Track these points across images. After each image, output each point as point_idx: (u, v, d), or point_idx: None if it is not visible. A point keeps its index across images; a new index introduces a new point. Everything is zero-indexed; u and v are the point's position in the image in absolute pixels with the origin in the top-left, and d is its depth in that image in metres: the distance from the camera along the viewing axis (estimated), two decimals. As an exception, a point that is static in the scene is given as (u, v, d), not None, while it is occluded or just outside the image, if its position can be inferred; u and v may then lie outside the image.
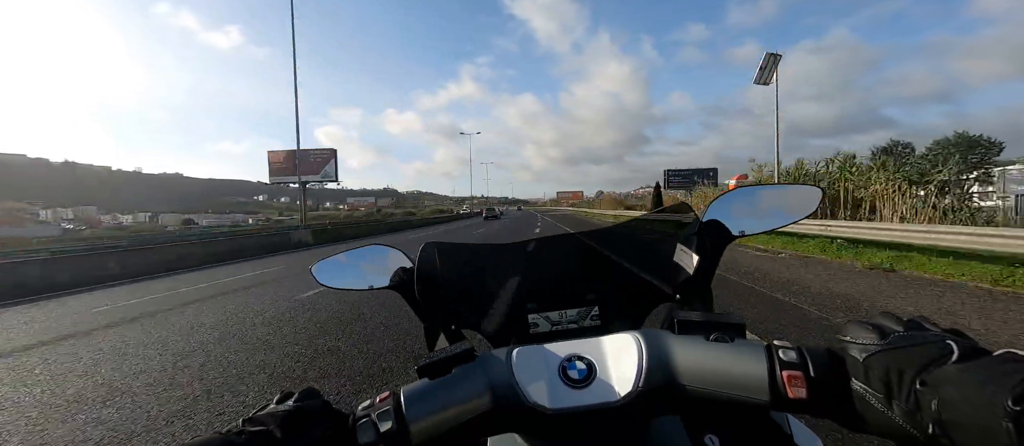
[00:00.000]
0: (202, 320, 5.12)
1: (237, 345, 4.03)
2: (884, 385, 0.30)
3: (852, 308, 4.43)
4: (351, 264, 0.70)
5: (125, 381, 3.26)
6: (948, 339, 0.30)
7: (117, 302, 6.82)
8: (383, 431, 0.36)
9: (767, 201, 0.58)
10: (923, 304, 4.54)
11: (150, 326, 4.98)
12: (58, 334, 4.85)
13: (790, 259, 8.11)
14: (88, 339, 4.56)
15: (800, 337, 3.52)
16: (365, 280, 0.66)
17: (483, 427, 0.39)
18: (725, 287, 5.57)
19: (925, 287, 5.32)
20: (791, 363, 0.34)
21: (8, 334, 5.05)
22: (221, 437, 0.32)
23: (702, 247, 0.54)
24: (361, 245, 0.72)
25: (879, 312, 0.35)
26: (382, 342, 3.82)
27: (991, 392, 0.25)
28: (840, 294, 5.05)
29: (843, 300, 4.76)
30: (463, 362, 0.40)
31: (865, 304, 4.57)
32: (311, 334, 4.23)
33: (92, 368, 3.61)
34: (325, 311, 5.16)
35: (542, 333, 0.60)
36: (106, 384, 3.22)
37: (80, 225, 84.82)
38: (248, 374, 3.26)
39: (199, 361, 3.62)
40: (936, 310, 4.28)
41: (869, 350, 0.31)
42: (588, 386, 0.39)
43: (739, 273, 6.60)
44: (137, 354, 3.93)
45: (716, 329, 0.38)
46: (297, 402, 0.37)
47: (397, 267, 0.65)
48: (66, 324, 5.40)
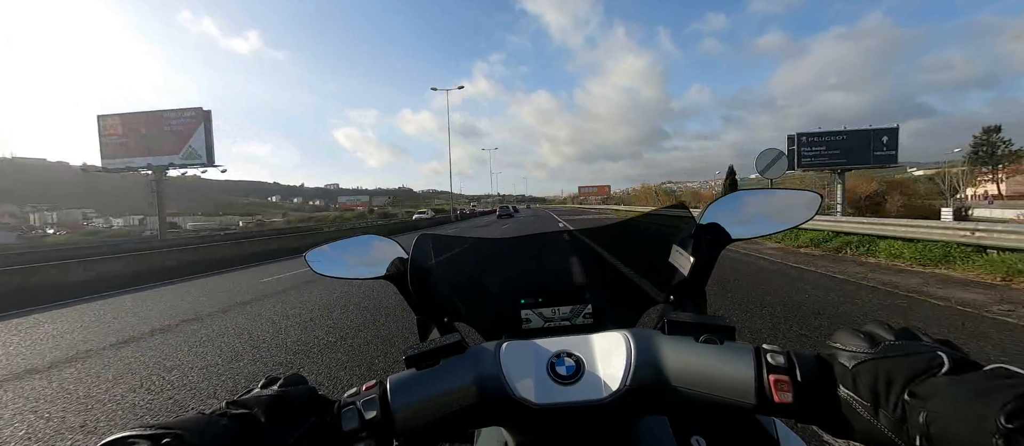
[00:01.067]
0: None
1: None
2: (872, 393, 0.29)
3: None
4: (346, 253, 0.69)
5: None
6: (939, 350, 0.29)
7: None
8: (368, 419, 0.36)
9: (765, 205, 0.58)
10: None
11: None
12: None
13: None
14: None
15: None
16: (359, 269, 0.66)
17: (469, 419, 0.39)
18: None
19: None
20: (778, 367, 0.34)
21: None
22: (205, 418, 0.32)
23: (698, 249, 0.54)
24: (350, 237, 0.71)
25: (870, 320, 0.35)
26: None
27: (982, 407, 0.24)
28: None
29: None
30: (452, 354, 0.40)
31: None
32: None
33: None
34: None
35: (534, 329, 0.60)
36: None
37: (62, 229, 79.89)
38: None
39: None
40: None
41: (858, 358, 0.31)
42: (576, 383, 0.39)
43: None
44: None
45: (706, 331, 0.38)
46: (282, 387, 0.37)
47: (392, 257, 0.65)
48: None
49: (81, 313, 6.16)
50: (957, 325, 3.76)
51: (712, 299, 2.57)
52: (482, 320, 0.63)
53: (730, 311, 4.43)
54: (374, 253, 0.66)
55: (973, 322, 3.83)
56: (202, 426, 0.31)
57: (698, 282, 0.54)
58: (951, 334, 3.48)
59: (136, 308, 6.28)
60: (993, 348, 3.20)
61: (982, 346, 3.23)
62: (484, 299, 0.67)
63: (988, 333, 3.52)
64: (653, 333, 0.40)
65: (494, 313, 0.63)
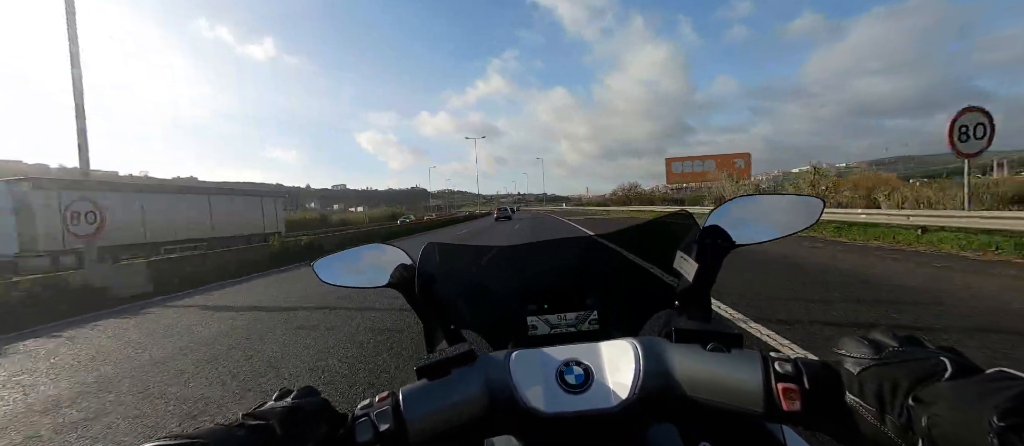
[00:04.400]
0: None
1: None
2: (877, 400, 0.30)
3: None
4: (353, 261, 0.69)
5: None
6: (942, 356, 0.30)
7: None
8: (381, 431, 0.36)
9: (769, 211, 0.58)
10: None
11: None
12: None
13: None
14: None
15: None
16: (366, 278, 0.66)
17: (480, 429, 0.39)
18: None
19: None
20: (787, 375, 0.34)
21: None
22: (222, 429, 0.32)
23: (702, 255, 0.54)
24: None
25: (876, 328, 0.35)
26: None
27: (980, 408, 0.25)
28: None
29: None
30: (462, 364, 0.40)
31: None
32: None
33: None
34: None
35: (541, 336, 0.61)
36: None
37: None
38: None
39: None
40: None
41: (863, 364, 0.32)
42: (585, 391, 0.39)
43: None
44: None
45: (713, 339, 0.38)
46: (296, 399, 0.37)
47: (398, 265, 0.65)
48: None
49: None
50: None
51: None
52: (488, 327, 0.63)
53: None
54: (381, 261, 0.67)
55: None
56: (222, 437, 0.31)
57: (703, 288, 0.54)
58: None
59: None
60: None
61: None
62: (490, 306, 0.67)
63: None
64: (661, 341, 0.41)
65: (500, 320, 0.63)
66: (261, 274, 10.00)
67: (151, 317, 5.86)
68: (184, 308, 6.36)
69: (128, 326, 5.40)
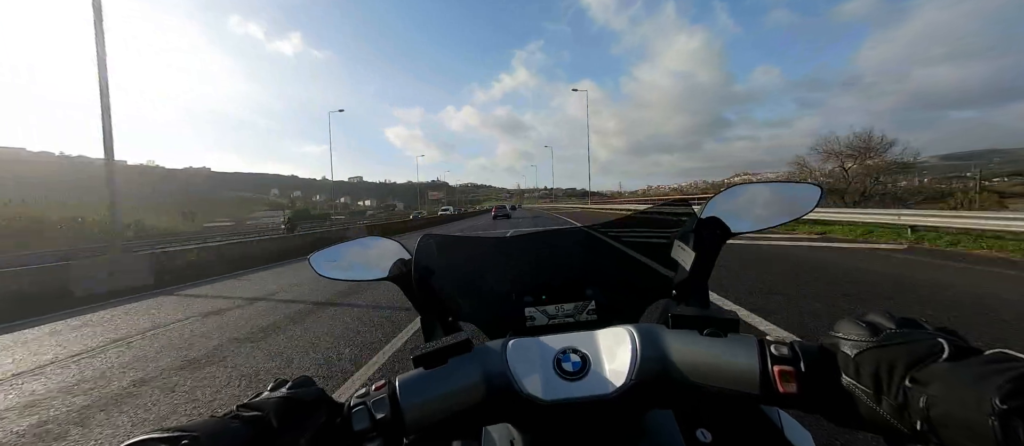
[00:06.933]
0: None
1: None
2: (874, 381, 0.30)
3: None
4: (349, 255, 0.69)
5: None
6: (939, 337, 0.30)
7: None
8: (378, 419, 0.36)
9: (766, 199, 0.58)
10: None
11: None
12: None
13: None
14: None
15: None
16: (363, 271, 0.66)
17: (477, 417, 0.39)
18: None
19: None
20: (783, 358, 0.34)
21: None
22: (217, 420, 0.32)
23: (699, 244, 0.54)
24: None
25: (873, 310, 0.35)
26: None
27: (980, 390, 0.25)
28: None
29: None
30: (459, 352, 0.40)
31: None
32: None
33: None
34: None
35: (538, 326, 0.61)
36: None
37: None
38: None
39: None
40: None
41: (860, 346, 0.32)
42: (582, 378, 0.39)
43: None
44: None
45: (710, 324, 0.38)
46: (292, 389, 0.37)
47: (395, 258, 0.65)
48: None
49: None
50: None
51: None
52: (486, 319, 0.63)
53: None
54: (378, 254, 0.66)
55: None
56: (216, 429, 0.31)
57: (700, 277, 0.55)
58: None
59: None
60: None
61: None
62: (488, 297, 0.67)
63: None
64: (658, 327, 0.41)
65: (498, 311, 0.63)
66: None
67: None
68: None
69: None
